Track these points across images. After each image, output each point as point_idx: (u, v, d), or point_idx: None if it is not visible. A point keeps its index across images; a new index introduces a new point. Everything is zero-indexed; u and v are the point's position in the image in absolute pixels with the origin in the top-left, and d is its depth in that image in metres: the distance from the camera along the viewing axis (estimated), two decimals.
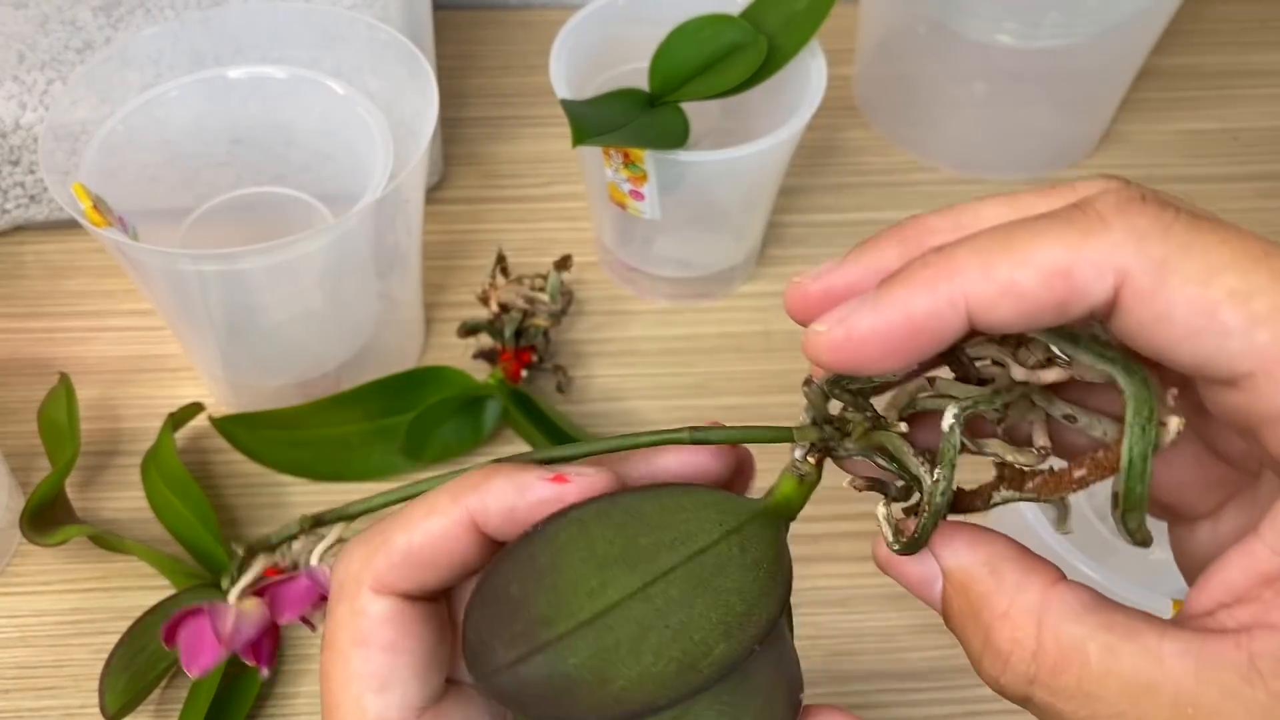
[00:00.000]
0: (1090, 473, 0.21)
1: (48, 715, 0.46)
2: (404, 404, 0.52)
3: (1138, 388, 0.20)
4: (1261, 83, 0.71)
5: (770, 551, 0.24)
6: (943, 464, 0.22)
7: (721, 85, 0.51)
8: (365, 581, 0.24)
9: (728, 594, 0.23)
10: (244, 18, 0.50)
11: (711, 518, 0.23)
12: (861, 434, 0.24)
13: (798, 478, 0.25)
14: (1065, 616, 0.21)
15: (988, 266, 0.20)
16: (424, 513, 0.24)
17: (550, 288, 0.53)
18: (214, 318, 0.48)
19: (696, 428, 0.25)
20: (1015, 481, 0.23)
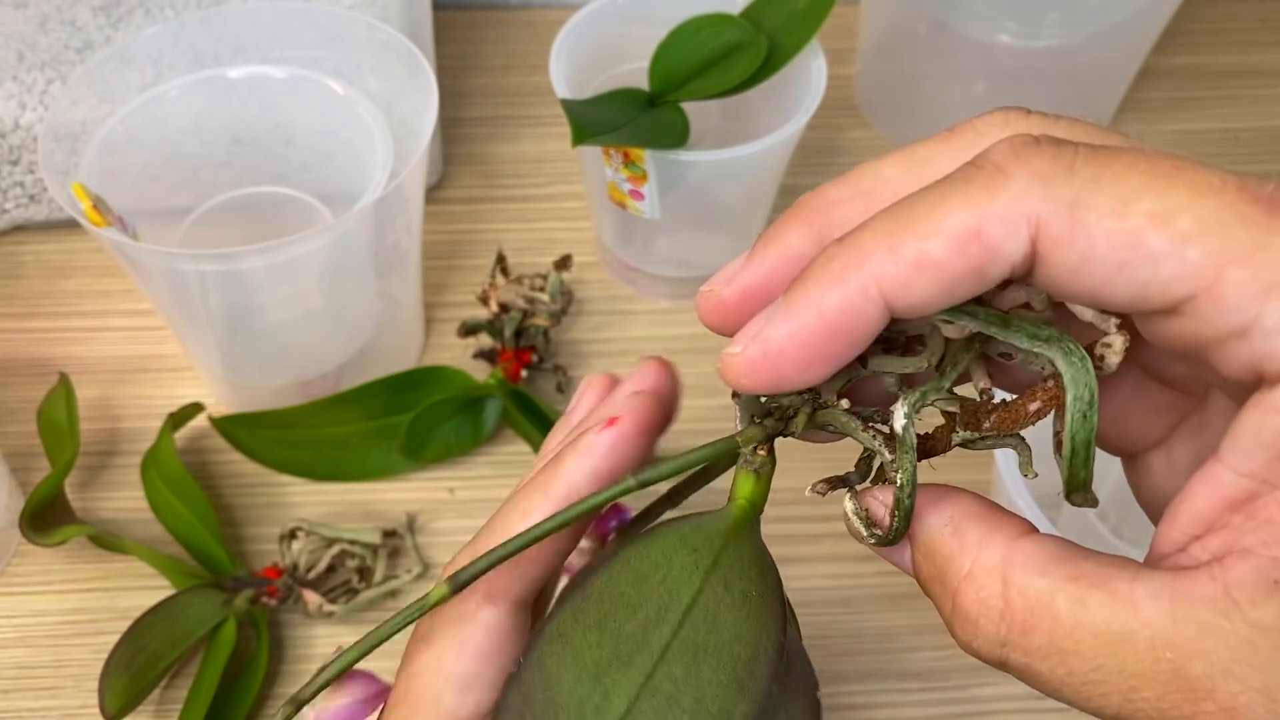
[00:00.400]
0: (1044, 404, 0.20)
1: (47, 715, 0.46)
2: (404, 404, 0.52)
3: (1076, 370, 0.19)
4: (1261, 83, 0.71)
5: (752, 572, 0.23)
6: (902, 466, 0.21)
7: (721, 85, 0.51)
8: (479, 589, 0.24)
9: (729, 645, 0.22)
10: (244, 18, 0.50)
11: (685, 562, 0.22)
12: (805, 419, 0.23)
13: (753, 473, 0.24)
14: (1030, 571, 0.19)
15: (894, 246, 0.19)
16: (520, 515, 0.24)
17: (550, 288, 0.53)
18: (214, 318, 0.48)
19: (638, 471, 0.24)
20: (971, 422, 0.21)
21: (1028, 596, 0.19)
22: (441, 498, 0.52)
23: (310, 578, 0.47)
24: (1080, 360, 0.19)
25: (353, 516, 0.51)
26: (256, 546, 0.50)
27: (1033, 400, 0.20)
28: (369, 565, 0.48)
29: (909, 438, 0.21)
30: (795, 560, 0.50)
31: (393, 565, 0.50)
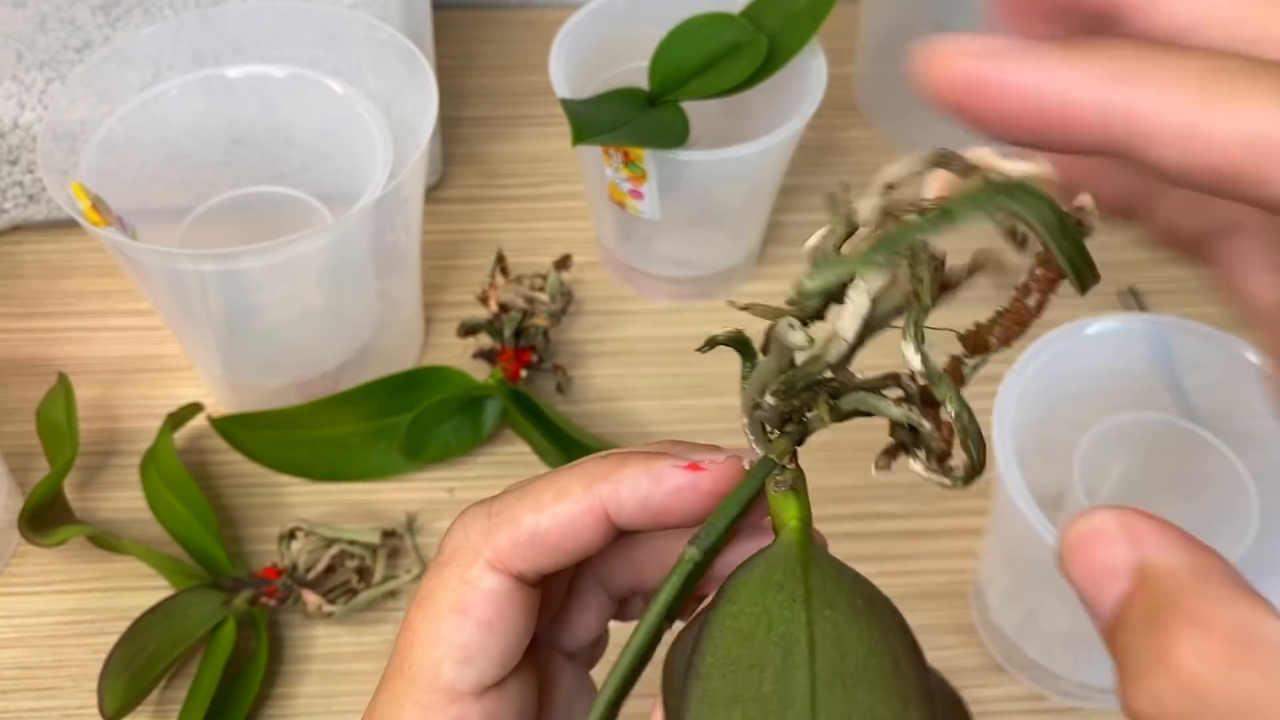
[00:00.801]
0: (1040, 292, 0.19)
1: (47, 716, 0.46)
2: (403, 404, 0.52)
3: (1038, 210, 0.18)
4: None
5: (845, 582, 0.21)
6: (950, 400, 0.20)
7: (721, 85, 0.51)
8: (484, 554, 0.24)
9: (868, 661, 0.20)
10: (243, 17, 0.50)
11: (780, 601, 0.21)
12: (829, 410, 0.22)
13: (792, 491, 0.23)
14: (1273, 651, 0.15)
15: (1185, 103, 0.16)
16: (554, 496, 0.24)
17: (550, 287, 0.53)
18: (213, 317, 0.48)
19: (695, 539, 0.22)
20: (978, 345, 0.21)
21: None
22: (441, 498, 0.52)
23: (310, 578, 0.47)
24: (1025, 192, 0.18)
25: (352, 517, 0.51)
26: (256, 547, 0.50)
27: (1028, 294, 0.20)
28: (368, 565, 0.48)
29: (934, 369, 0.20)
30: None
31: (392, 565, 0.49)
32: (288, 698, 0.46)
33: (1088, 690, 0.45)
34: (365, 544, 0.48)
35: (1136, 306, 0.59)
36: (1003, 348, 0.21)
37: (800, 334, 0.21)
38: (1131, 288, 0.60)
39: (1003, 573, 0.45)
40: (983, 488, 0.52)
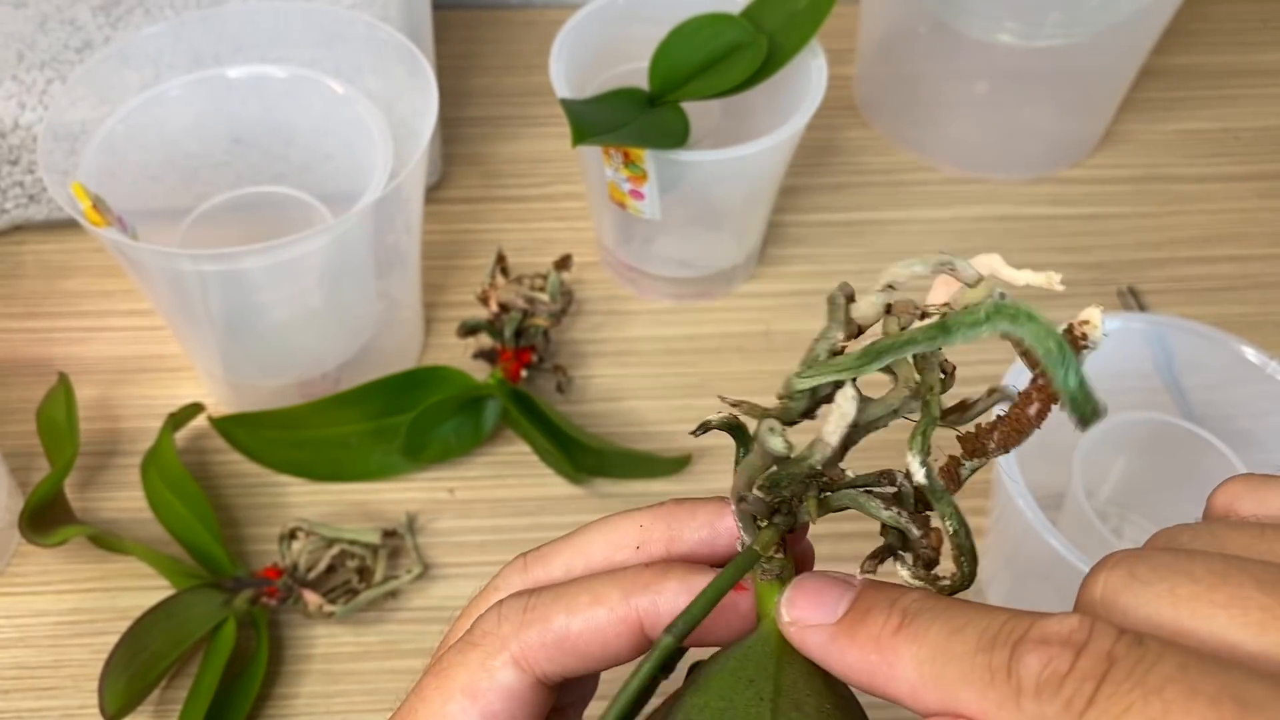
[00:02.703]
0: (1041, 403, 0.20)
1: (47, 715, 0.46)
2: (404, 404, 0.52)
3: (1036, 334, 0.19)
4: (1261, 83, 0.71)
5: (816, 684, 0.21)
6: (947, 515, 0.21)
7: (721, 85, 0.51)
8: (510, 646, 0.24)
9: None
10: (244, 17, 0.50)
11: (748, 698, 0.21)
12: (816, 506, 0.22)
13: (775, 580, 0.23)
14: None
15: (923, 681, 0.19)
16: (589, 600, 0.24)
17: (550, 288, 0.53)
18: (213, 317, 0.48)
19: (671, 628, 0.22)
20: (976, 449, 0.21)
21: None
22: (441, 498, 0.52)
23: (310, 578, 0.47)
24: (1029, 318, 0.19)
25: (353, 517, 0.51)
26: (256, 547, 0.50)
27: (1029, 403, 0.20)
28: (369, 565, 0.48)
29: (936, 483, 0.20)
30: None
31: (393, 565, 0.49)
32: (288, 697, 0.46)
33: None
34: (366, 544, 0.48)
35: (1136, 306, 0.59)
36: (1001, 453, 0.21)
37: (779, 440, 0.21)
38: (1131, 288, 0.60)
39: (1003, 573, 0.45)
40: (983, 488, 0.52)
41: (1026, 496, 0.40)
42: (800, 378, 0.21)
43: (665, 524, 0.25)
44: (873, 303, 0.21)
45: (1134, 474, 0.48)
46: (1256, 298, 0.60)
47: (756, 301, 0.59)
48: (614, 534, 0.25)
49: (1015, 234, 0.62)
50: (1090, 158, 0.66)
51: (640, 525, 0.25)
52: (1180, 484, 0.47)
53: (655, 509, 0.25)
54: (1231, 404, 0.46)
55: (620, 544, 0.25)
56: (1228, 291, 0.60)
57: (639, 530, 0.25)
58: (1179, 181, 0.65)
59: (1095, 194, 0.65)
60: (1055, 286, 0.19)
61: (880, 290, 0.21)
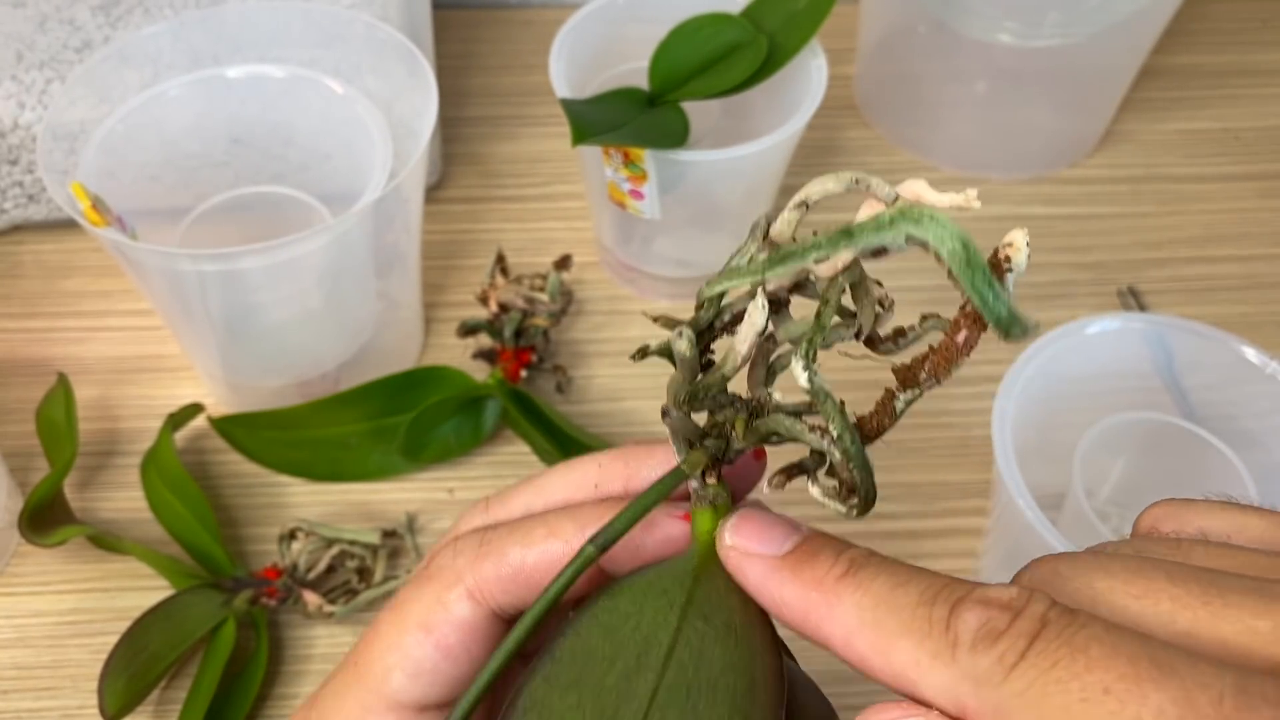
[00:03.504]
0: (969, 328, 0.20)
1: (46, 716, 0.46)
2: (403, 404, 0.52)
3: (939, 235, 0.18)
4: (1262, 83, 0.71)
5: (732, 602, 0.21)
6: (830, 418, 0.21)
7: (721, 85, 0.51)
8: (466, 580, 0.24)
9: (722, 677, 0.20)
10: (243, 17, 0.50)
11: (658, 605, 0.21)
12: (744, 429, 0.22)
13: (711, 506, 0.23)
14: None
15: (861, 626, 0.20)
16: (545, 534, 0.24)
17: (550, 288, 0.53)
18: (213, 318, 0.48)
19: (595, 539, 0.22)
20: (909, 379, 0.21)
21: None
22: (441, 498, 0.52)
23: (310, 578, 0.47)
24: (931, 219, 0.18)
25: (352, 517, 0.51)
26: (256, 547, 0.50)
27: (957, 330, 0.20)
28: (369, 566, 0.48)
29: (819, 385, 0.20)
30: None
31: (393, 565, 0.49)
32: (288, 698, 0.46)
33: None
34: (365, 544, 0.48)
35: (1136, 306, 0.59)
36: (934, 384, 0.21)
37: (685, 343, 0.21)
38: (1131, 288, 0.60)
39: (1003, 573, 0.45)
40: (982, 487, 0.52)
41: (1026, 496, 0.40)
42: (709, 285, 0.21)
43: (623, 463, 0.25)
44: (787, 220, 0.21)
45: (1134, 474, 0.48)
46: (1257, 298, 0.60)
47: None
48: (573, 474, 0.25)
49: None
50: (1090, 157, 0.66)
51: (599, 465, 0.25)
52: (1180, 484, 0.47)
53: (613, 450, 0.25)
54: (1232, 404, 0.46)
55: (579, 484, 0.25)
56: (1228, 291, 0.60)
57: (597, 470, 0.25)
58: (1179, 181, 0.65)
59: (1095, 194, 0.65)
60: (972, 203, 0.19)
61: (794, 208, 0.21)
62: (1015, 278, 0.19)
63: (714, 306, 0.22)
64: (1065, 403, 0.45)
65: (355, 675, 0.24)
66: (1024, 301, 0.64)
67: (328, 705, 0.25)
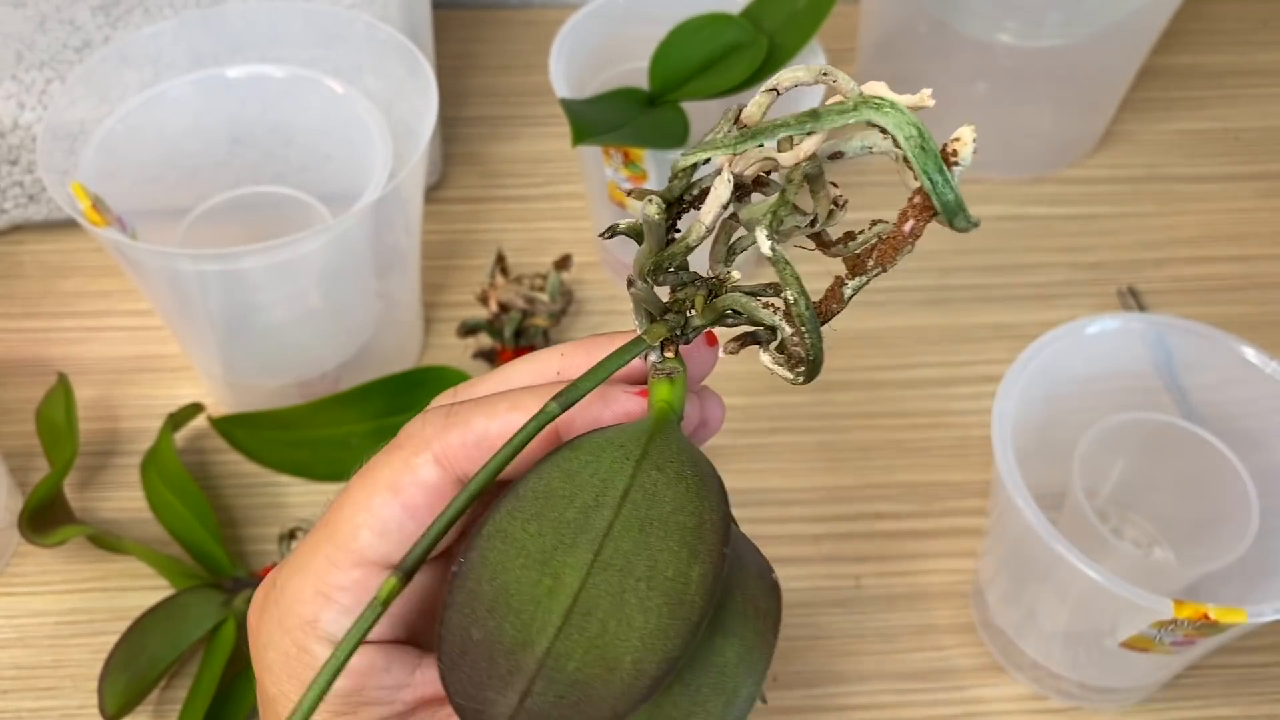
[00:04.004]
0: (915, 218, 0.21)
1: (46, 715, 0.46)
2: (403, 404, 0.52)
3: (897, 121, 0.20)
4: (1262, 83, 0.71)
5: (685, 456, 0.23)
6: (789, 284, 0.22)
7: (721, 85, 0.51)
8: (432, 446, 0.25)
9: (672, 515, 0.22)
10: (243, 17, 0.50)
11: (614, 456, 0.23)
12: (704, 305, 0.24)
13: (668, 378, 0.24)
14: None
15: None
16: (508, 405, 0.25)
17: (550, 287, 0.53)
18: (213, 318, 0.48)
19: (559, 396, 0.23)
20: (858, 266, 0.23)
21: None
22: None
23: None
24: (891, 107, 0.20)
25: None
26: (256, 547, 0.50)
27: (905, 220, 0.21)
28: None
29: (779, 252, 0.22)
30: (795, 560, 0.50)
31: None
32: None
33: (1087, 690, 0.45)
34: None
35: (1136, 306, 0.59)
36: (880, 271, 0.23)
37: (654, 208, 0.22)
38: (1131, 288, 0.60)
39: (1003, 573, 0.45)
40: (982, 487, 0.52)
41: (1026, 496, 0.40)
42: (683, 157, 0.22)
43: (584, 351, 0.26)
44: (758, 103, 0.22)
45: (1134, 474, 0.48)
46: (1256, 298, 0.60)
47: None
48: (536, 363, 0.26)
49: (1015, 234, 0.62)
50: (1090, 158, 0.66)
51: (561, 355, 0.26)
52: (1180, 484, 0.47)
53: (575, 341, 0.27)
54: (1231, 404, 0.46)
55: (542, 372, 0.26)
56: (1227, 291, 0.60)
57: (559, 358, 0.26)
58: (1179, 181, 0.65)
59: (1095, 194, 0.65)
60: (927, 102, 0.21)
61: (765, 92, 0.22)
62: (961, 171, 0.21)
63: (685, 179, 0.23)
64: (1065, 403, 0.45)
65: (325, 534, 0.25)
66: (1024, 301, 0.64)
67: (297, 561, 0.25)
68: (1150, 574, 0.47)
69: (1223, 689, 0.47)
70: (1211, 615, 0.37)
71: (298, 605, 0.25)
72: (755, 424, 0.54)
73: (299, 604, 0.25)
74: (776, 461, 0.52)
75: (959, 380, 0.55)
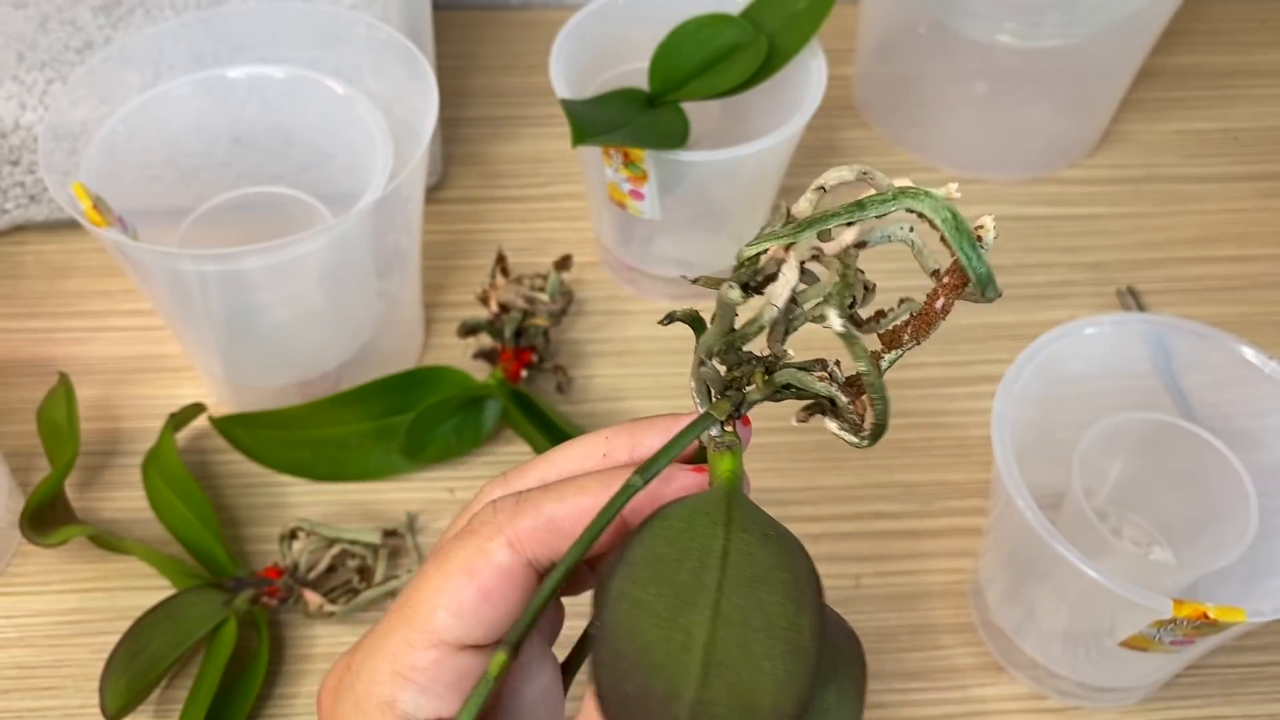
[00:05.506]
0: (946, 294, 0.24)
1: (47, 715, 0.46)
2: (404, 404, 0.52)
3: (933, 206, 0.22)
4: (1261, 83, 0.71)
5: (763, 518, 0.25)
6: (860, 358, 0.24)
7: (721, 85, 0.51)
8: (505, 531, 0.26)
9: (771, 572, 0.24)
10: (244, 18, 0.50)
11: (706, 523, 0.24)
12: (762, 382, 0.26)
13: (728, 450, 0.26)
14: None
15: None
16: (575, 491, 0.26)
17: (550, 288, 0.53)
18: (214, 318, 0.48)
19: (641, 470, 0.25)
20: (894, 340, 0.25)
21: None
22: (442, 498, 0.52)
23: (311, 578, 0.47)
24: (927, 195, 0.23)
25: (353, 516, 0.51)
26: (257, 547, 0.50)
27: (936, 298, 0.24)
28: (369, 565, 0.48)
29: (851, 329, 0.24)
30: None
31: (393, 565, 0.50)
32: (289, 697, 0.47)
33: (1087, 690, 0.45)
34: (366, 544, 0.48)
35: (1135, 306, 0.59)
36: (915, 344, 0.25)
37: (738, 291, 0.24)
38: (1130, 287, 0.60)
39: (1002, 572, 0.45)
40: (982, 487, 0.52)
41: (1026, 496, 0.40)
42: (748, 247, 0.25)
43: (627, 435, 0.28)
44: (808, 199, 0.25)
45: (1133, 474, 0.48)
46: (1255, 298, 0.60)
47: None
48: (582, 447, 0.28)
49: (1014, 234, 0.62)
50: (1089, 158, 0.67)
51: (605, 439, 0.28)
52: (1180, 484, 0.47)
53: (618, 425, 0.28)
54: (1231, 404, 0.46)
55: (588, 455, 0.28)
56: (1227, 291, 0.60)
57: (604, 442, 0.28)
58: (1178, 182, 0.66)
59: (1094, 194, 0.65)
60: (954, 195, 0.23)
61: (813, 191, 0.24)
62: (987, 248, 0.23)
63: (751, 266, 0.25)
64: (1064, 403, 0.45)
65: (401, 617, 0.26)
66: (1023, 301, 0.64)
67: (371, 644, 0.27)
68: (1149, 573, 0.47)
69: (1222, 689, 0.47)
70: (1211, 614, 0.37)
71: (375, 686, 0.26)
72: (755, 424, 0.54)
73: (376, 685, 0.26)
74: (776, 461, 0.53)
75: (958, 380, 0.56)
